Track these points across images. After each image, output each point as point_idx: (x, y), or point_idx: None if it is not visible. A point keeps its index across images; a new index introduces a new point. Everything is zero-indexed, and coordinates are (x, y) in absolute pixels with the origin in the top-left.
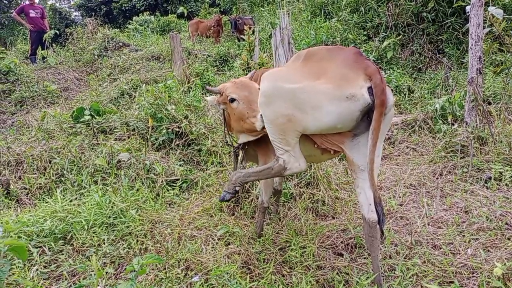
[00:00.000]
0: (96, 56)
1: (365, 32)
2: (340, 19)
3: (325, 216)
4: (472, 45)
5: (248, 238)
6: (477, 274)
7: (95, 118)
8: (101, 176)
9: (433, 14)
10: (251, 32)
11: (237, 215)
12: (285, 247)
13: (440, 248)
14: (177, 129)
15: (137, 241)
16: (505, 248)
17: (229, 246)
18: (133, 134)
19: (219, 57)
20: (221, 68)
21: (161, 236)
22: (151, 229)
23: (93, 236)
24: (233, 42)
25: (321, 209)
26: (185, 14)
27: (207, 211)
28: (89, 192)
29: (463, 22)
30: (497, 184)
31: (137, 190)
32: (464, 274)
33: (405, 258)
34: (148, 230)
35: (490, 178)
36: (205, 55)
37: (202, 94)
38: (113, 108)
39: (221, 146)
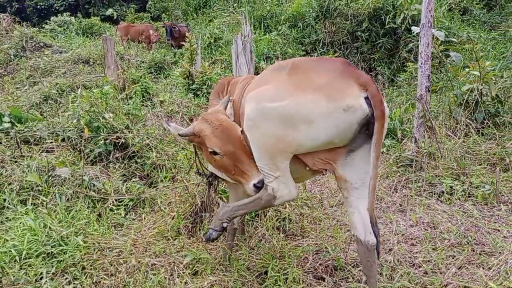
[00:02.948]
0: (12, 56)
1: (303, 47)
2: (279, 33)
3: (294, 235)
4: (421, 63)
5: (219, 265)
6: None
7: (16, 126)
8: (29, 194)
9: (366, 34)
10: (193, 40)
11: (198, 237)
12: (261, 273)
13: (420, 267)
14: (116, 140)
15: (85, 273)
16: (482, 264)
17: (199, 275)
18: (63, 146)
19: (154, 63)
20: (157, 76)
21: (114, 266)
22: (100, 258)
23: (28, 270)
24: (168, 49)
25: (288, 227)
26: (114, 18)
27: (162, 234)
28: (16, 214)
29: (394, 43)
30: (449, 198)
31: (77, 211)
32: None
33: (389, 279)
34: (97, 260)
35: (442, 192)
36: (138, 61)
37: (141, 102)
38: (37, 115)
39: (167, 160)
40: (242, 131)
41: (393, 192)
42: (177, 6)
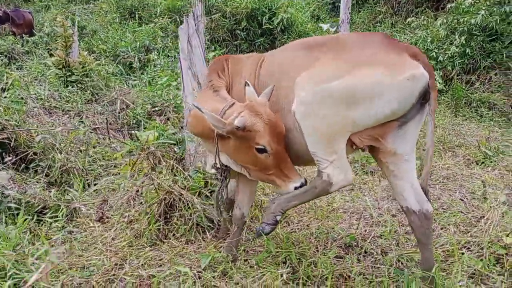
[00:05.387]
0: None
1: None
2: (158, 25)
3: (280, 223)
4: None
5: (242, 263)
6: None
7: None
8: None
9: (245, 33)
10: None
11: (175, 238)
12: (287, 263)
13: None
14: (7, 141)
15: None
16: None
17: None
18: None
19: None
20: (6, 67)
21: (105, 286)
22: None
23: None
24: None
25: None
26: None
27: (132, 243)
28: None
29: (270, 42)
30: None
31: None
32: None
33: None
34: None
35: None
36: None
37: (21, 96)
38: None
39: (79, 158)
40: None
41: None
42: None
